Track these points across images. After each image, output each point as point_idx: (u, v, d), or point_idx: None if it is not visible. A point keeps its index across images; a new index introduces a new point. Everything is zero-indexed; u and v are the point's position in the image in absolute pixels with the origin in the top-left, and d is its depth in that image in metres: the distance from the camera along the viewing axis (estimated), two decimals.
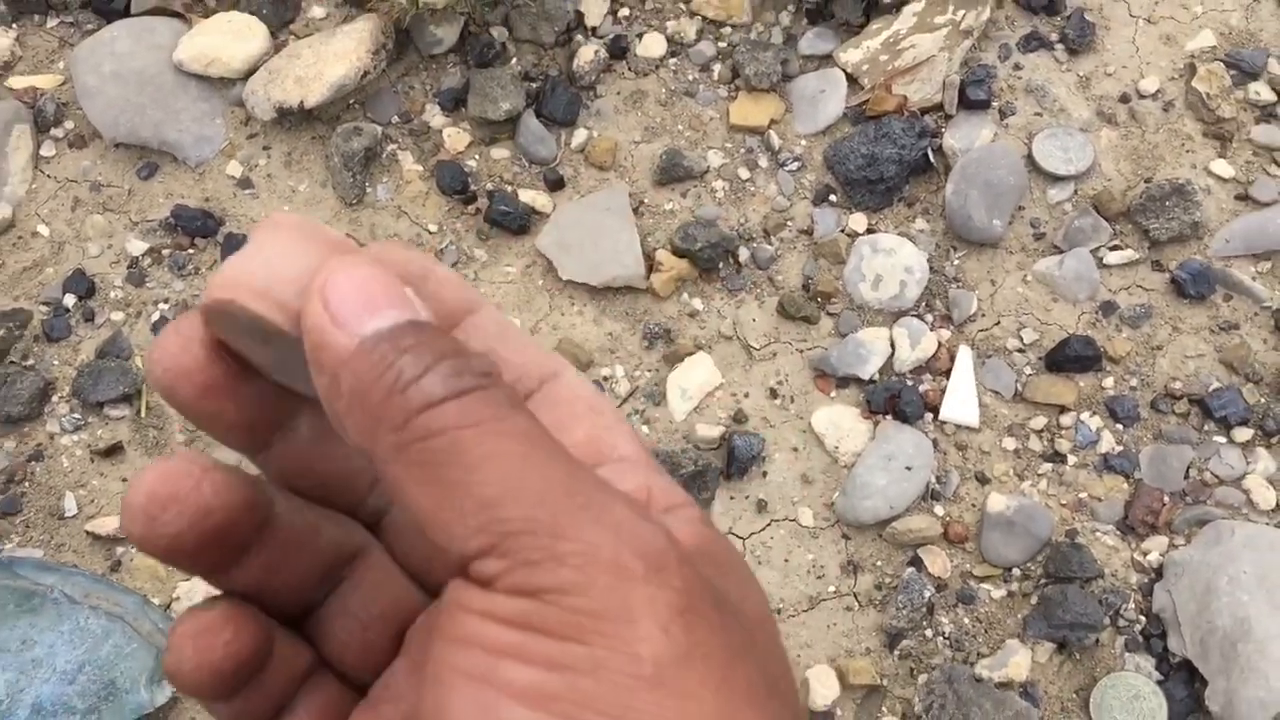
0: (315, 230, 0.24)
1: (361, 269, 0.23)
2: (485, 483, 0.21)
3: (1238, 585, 0.64)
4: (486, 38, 0.84)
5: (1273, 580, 0.64)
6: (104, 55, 0.83)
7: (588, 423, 0.27)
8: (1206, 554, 0.66)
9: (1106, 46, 0.81)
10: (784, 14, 0.84)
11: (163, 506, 0.23)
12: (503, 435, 0.22)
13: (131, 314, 0.78)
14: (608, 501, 0.22)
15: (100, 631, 0.68)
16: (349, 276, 0.23)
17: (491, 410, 0.22)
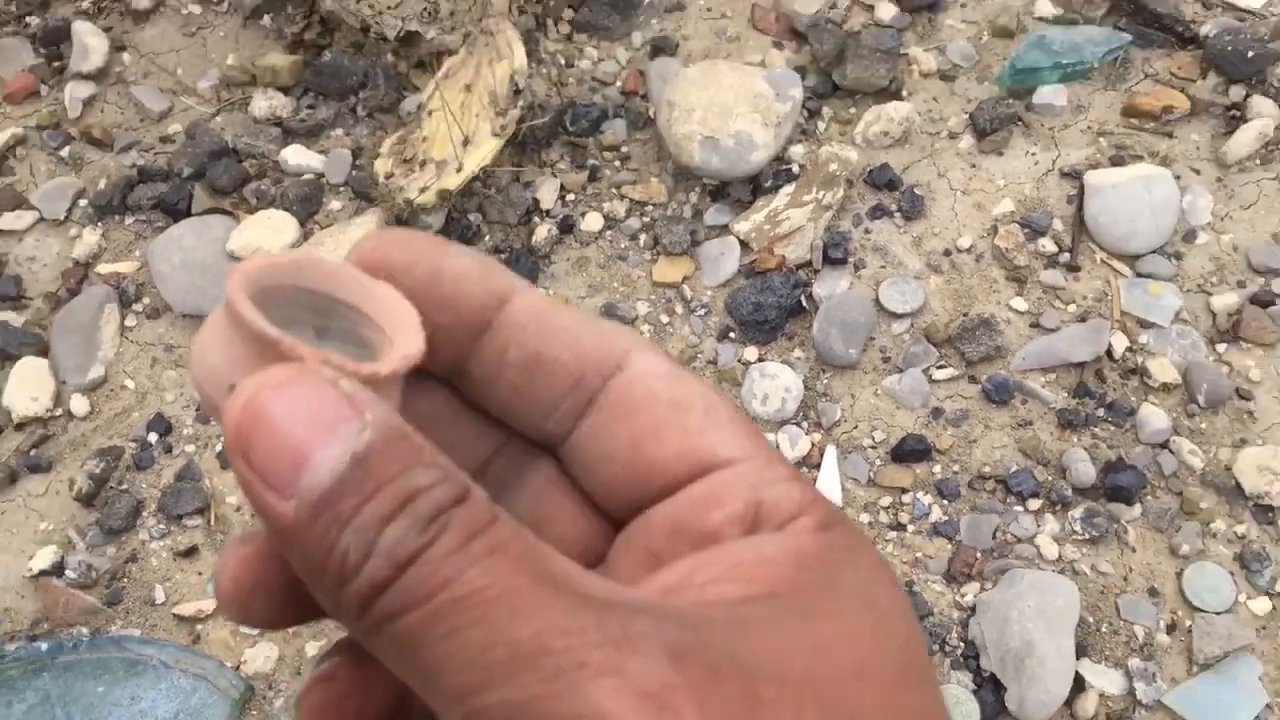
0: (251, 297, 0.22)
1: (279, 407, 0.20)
2: (453, 670, 0.19)
3: (1024, 616, 0.88)
4: (465, 221, 1.10)
5: (1049, 612, 0.88)
6: (173, 248, 1.09)
7: (674, 429, 0.24)
8: (1004, 594, 0.90)
9: (933, 214, 1.07)
10: (693, 194, 1.10)
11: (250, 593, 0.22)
12: (463, 602, 0.19)
13: (200, 445, 1.02)
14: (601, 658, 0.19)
15: (189, 688, 0.91)
16: (267, 426, 0.20)
17: (452, 565, 0.19)
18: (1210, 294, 0.99)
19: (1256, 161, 1.04)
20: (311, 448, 0.20)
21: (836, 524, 0.24)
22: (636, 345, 0.25)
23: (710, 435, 0.24)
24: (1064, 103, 1.08)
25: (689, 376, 0.25)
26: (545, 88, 1.14)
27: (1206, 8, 1.11)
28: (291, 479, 0.20)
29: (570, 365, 0.24)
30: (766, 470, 0.24)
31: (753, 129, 1.05)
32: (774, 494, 0.24)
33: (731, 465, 0.24)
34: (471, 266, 0.24)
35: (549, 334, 0.24)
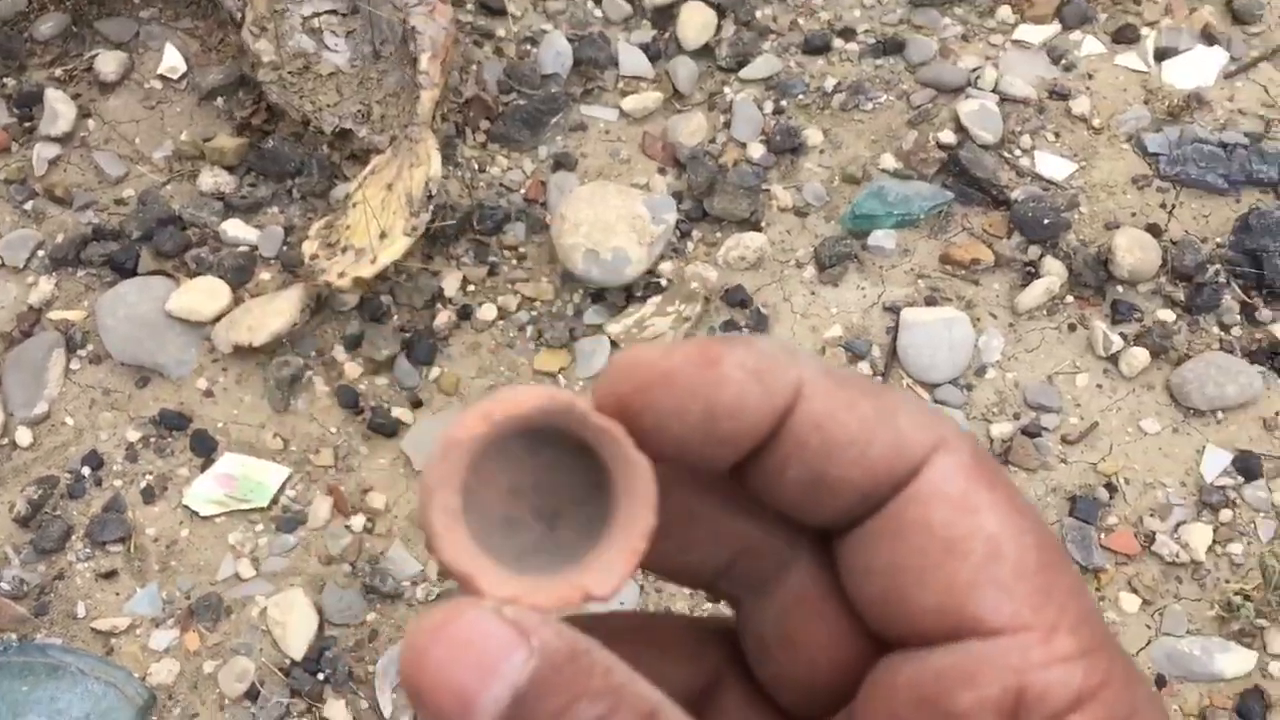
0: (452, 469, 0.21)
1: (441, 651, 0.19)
2: None
3: None
4: (377, 302, 1.27)
5: None
6: (119, 303, 1.24)
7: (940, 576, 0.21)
8: None
9: (775, 331, 1.26)
10: (576, 295, 1.28)
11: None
12: None
13: (127, 481, 1.18)
14: None
15: (100, 693, 1.06)
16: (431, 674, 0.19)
17: None
18: (991, 422, 1.20)
19: (1043, 312, 1.25)
20: (474, 692, 0.19)
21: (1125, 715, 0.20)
22: (941, 446, 0.21)
23: (980, 594, 0.21)
24: (893, 246, 1.28)
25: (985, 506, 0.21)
26: (459, 189, 1.32)
27: (1019, 175, 1.32)
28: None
29: (859, 483, 0.22)
30: (1041, 646, 0.20)
31: (629, 246, 1.24)
32: (1044, 680, 0.20)
33: (997, 636, 0.20)
34: (748, 390, 0.21)
35: (835, 449, 0.21)
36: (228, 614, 1.11)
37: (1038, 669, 0.20)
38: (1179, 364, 1.21)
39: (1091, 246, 1.27)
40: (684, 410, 0.21)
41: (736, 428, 0.21)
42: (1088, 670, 0.21)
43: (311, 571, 1.13)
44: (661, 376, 0.21)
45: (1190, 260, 1.25)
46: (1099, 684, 0.20)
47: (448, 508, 0.22)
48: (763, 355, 0.22)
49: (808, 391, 0.22)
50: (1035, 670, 0.20)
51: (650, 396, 0.21)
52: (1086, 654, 0.21)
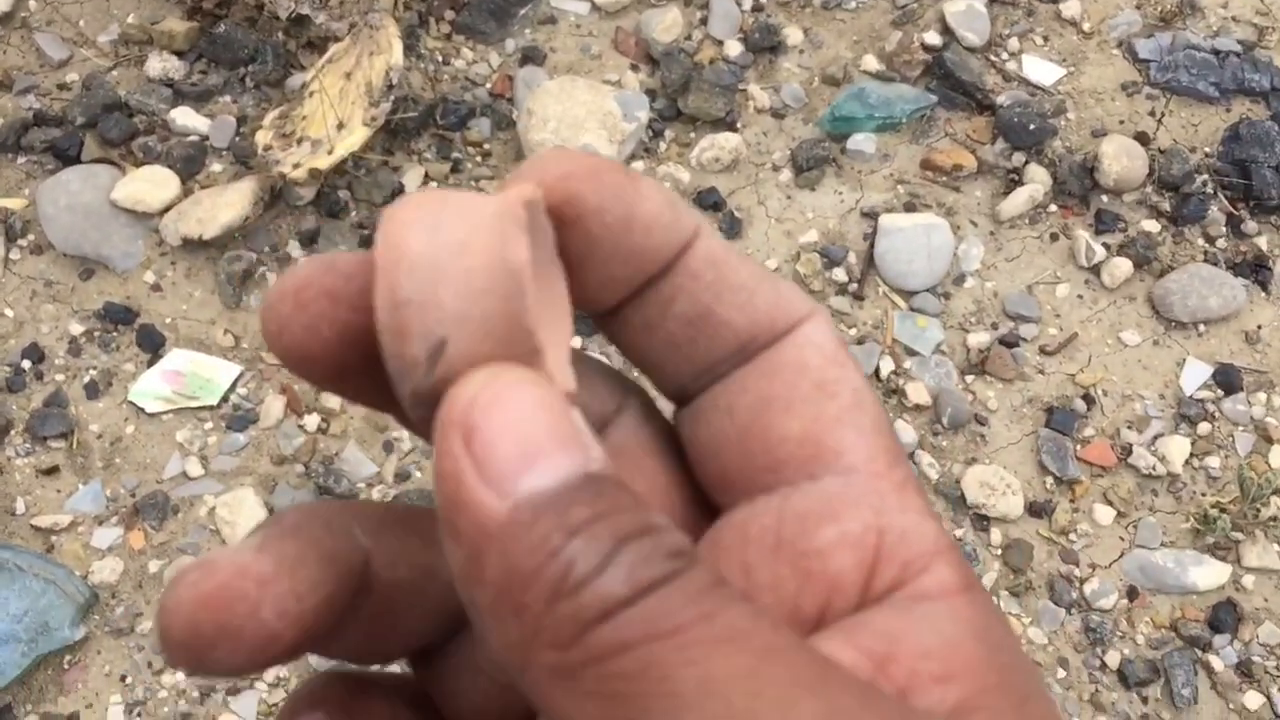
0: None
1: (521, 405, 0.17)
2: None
3: None
4: (335, 197, 1.22)
5: None
6: (60, 191, 1.18)
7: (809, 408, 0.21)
8: None
9: (749, 235, 1.22)
10: None
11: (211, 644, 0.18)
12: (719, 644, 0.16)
13: (70, 376, 1.13)
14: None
15: (39, 590, 1.02)
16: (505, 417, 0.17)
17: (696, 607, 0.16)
18: (968, 331, 1.16)
19: (1025, 221, 1.21)
20: (544, 452, 0.17)
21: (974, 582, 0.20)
22: (814, 315, 0.22)
23: (844, 432, 0.21)
24: (873, 150, 1.24)
25: (852, 367, 0.22)
26: (421, 81, 1.26)
27: (1005, 79, 1.27)
28: (514, 475, 0.17)
29: (739, 327, 0.21)
30: (895, 494, 0.20)
31: (598, 144, 1.19)
32: (901, 524, 0.20)
33: (854, 474, 0.21)
34: (663, 210, 0.21)
35: (724, 289, 0.21)
36: (174, 513, 1.07)
37: (896, 513, 0.20)
38: (1162, 275, 1.18)
39: (1077, 154, 1.23)
40: (605, 210, 0.21)
41: (648, 244, 0.21)
42: (938, 529, 0.20)
43: (263, 471, 1.09)
44: (589, 172, 0.21)
45: (1178, 170, 1.22)
46: (949, 544, 0.20)
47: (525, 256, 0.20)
48: (670, 192, 0.22)
49: (705, 234, 0.22)
50: (894, 514, 0.20)
51: (576, 188, 0.20)
52: (931, 518, 0.21)
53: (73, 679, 1.00)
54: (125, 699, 1.00)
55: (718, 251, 0.22)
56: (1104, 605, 1.05)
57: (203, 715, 0.99)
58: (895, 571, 0.20)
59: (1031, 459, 1.11)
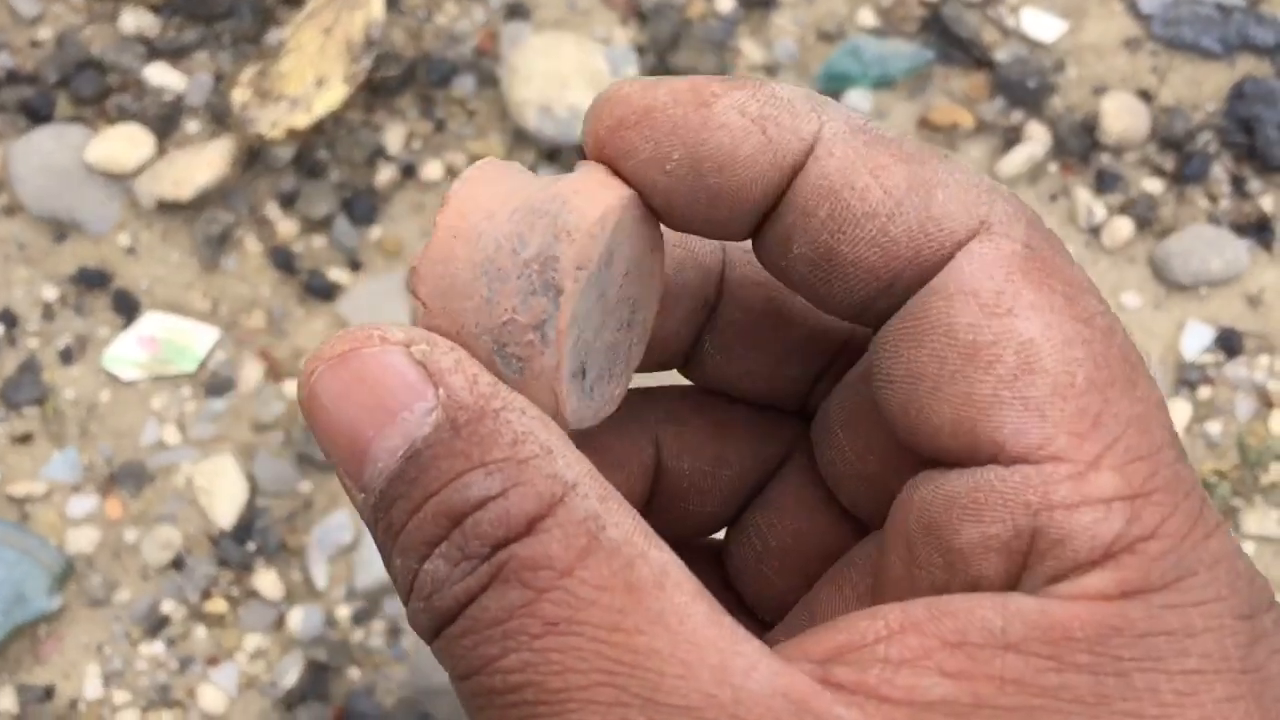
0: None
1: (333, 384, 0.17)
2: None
3: None
4: (314, 157, 1.19)
5: None
6: (33, 152, 1.15)
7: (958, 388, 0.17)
8: None
9: None
10: (529, 155, 1.20)
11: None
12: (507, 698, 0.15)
13: (44, 341, 1.10)
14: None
15: (13, 560, 1.00)
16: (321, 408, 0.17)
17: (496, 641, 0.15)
18: None
19: (1025, 180, 1.18)
20: (369, 436, 0.16)
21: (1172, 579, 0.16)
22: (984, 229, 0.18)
23: (1002, 412, 0.17)
24: (868, 109, 1.20)
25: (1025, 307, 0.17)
26: (403, 38, 1.23)
27: (1004, 35, 1.24)
28: (359, 469, 0.17)
29: (874, 266, 0.18)
30: (1071, 482, 0.16)
31: (585, 102, 1.16)
32: (1066, 523, 0.16)
33: (1019, 465, 0.17)
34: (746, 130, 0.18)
35: (846, 223, 0.18)
36: (151, 481, 1.04)
37: (1061, 509, 0.16)
38: (1164, 236, 1.15)
39: (1078, 112, 1.20)
40: (662, 157, 0.18)
41: (728, 184, 0.18)
42: (1131, 517, 0.16)
43: (241, 439, 1.06)
44: (640, 113, 0.18)
45: (1180, 128, 1.18)
46: (1143, 535, 0.16)
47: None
48: (772, 99, 0.19)
49: (825, 149, 0.18)
50: (1058, 510, 0.16)
51: (627, 137, 0.18)
52: (1137, 497, 0.16)
53: (49, 650, 0.98)
54: (103, 669, 0.98)
55: (835, 175, 0.18)
56: None
57: (181, 686, 0.98)
58: (1040, 582, 0.17)
59: None
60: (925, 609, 0.16)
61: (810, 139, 0.19)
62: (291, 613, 1.00)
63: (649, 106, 0.18)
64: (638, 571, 0.16)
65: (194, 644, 0.99)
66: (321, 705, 0.96)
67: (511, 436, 0.17)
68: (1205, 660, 0.16)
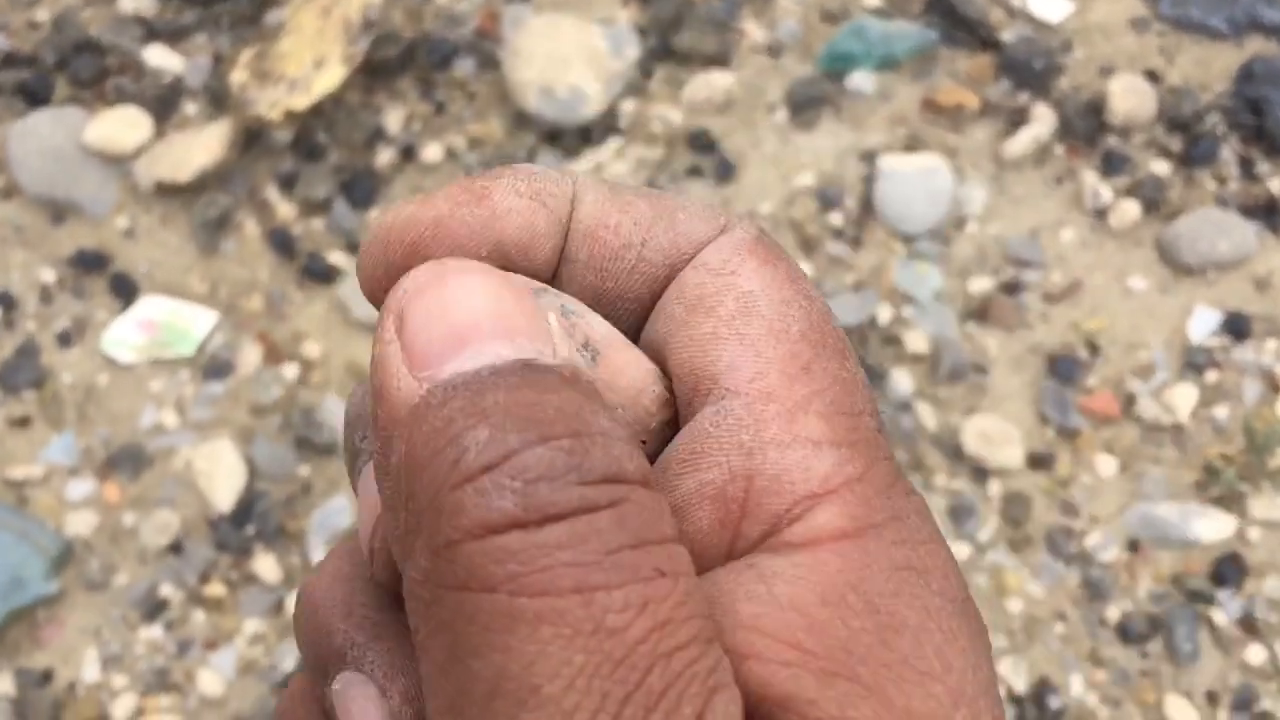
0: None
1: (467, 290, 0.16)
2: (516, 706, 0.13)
3: None
4: (313, 139, 1.18)
5: None
6: (31, 135, 1.14)
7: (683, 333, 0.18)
8: None
9: (742, 179, 1.18)
10: (528, 136, 1.19)
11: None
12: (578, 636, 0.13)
13: (42, 324, 1.10)
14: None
15: (11, 543, 1.00)
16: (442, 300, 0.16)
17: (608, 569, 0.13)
18: (968, 277, 1.12)
19: (1030, 163, 1.17)
20: (479, 337, 0.16)
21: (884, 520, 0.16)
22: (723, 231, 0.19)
23: (720, 346, 0.17)
24: (872, 90, 1.19)
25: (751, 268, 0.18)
26: (402, 19, 1.22)
27: (1010, 15, 1.22)
28: (437, 357, 0.15)
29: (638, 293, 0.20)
30: (783, 420, 0.16)
31: (586, 83, 1.15)
32: (779, 463, 0.16)
33: (733, 399, 0.17)
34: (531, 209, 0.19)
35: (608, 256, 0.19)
36: (149, 465, 1.04)
37: (774, 447, 0.17)
38: (1171, 219, 1.14)
39: (1084, 93, 1.19)
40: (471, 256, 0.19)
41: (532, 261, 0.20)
42: (839, 460, 0.17)
43: (240, 422, 1.06)
44: (431, 229, 0.19)
45: (1188, 109, 1.17)
46: (852, 477, 0.16)
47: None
48: (532, 175, 0.20)
49: (578, 200, 0.20)
50: (770, 448, 0.16)
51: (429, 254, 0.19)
52: (841, 445, 0.17)
53: (48, 634, 0.98)
54: (101, 654, 0.97)
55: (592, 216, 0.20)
56: (1105, 559, 1.02)
57: (180, 669, 0.97)
58: (763, 525, 0.16)
59: (1032, 409, 1.08)
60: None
61: (570, 195, 0.20)
62: (290, 597, 0.99)
63: (436, 219, 0.19)
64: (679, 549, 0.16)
65: (192, 628, 0.98)
66: None
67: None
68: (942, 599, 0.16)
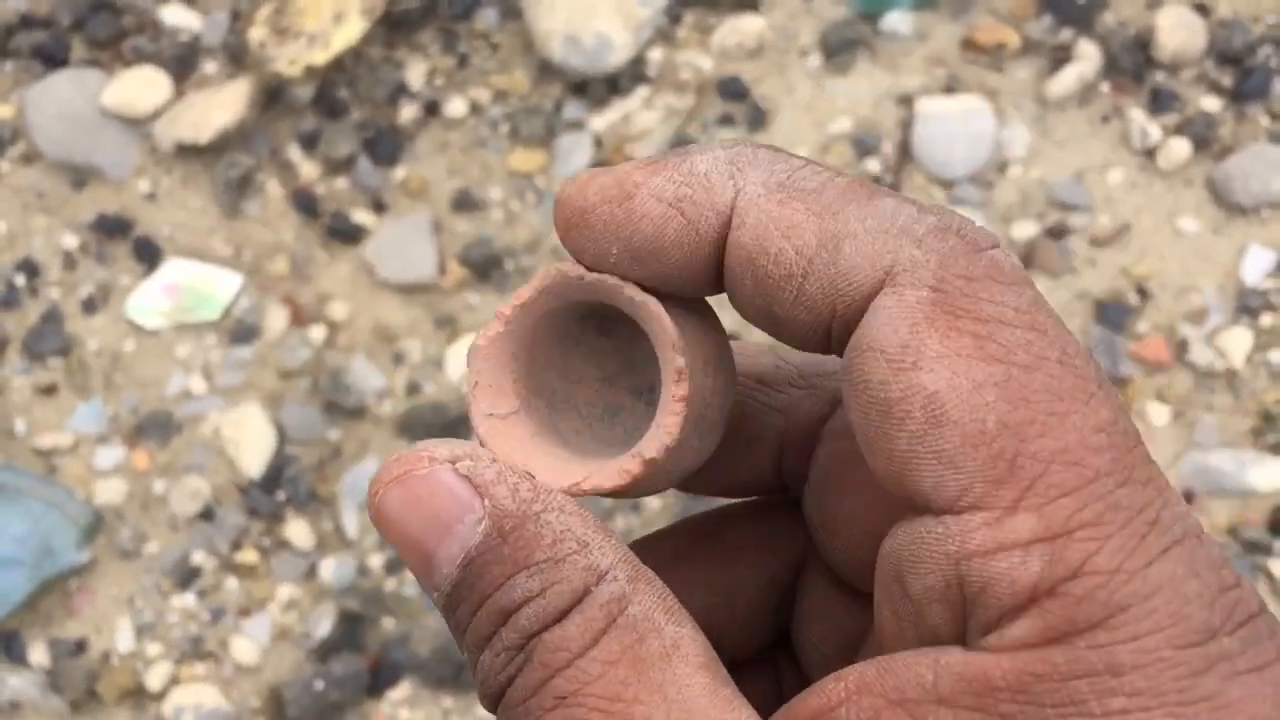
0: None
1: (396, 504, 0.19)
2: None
3: None
4: (335, 96, 1.15)
5: None
6: (49, 98, 1.12)
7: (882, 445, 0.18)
8: None
9: (775, 127, 1.14)
10: (554, 87, 1.16)
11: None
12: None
13: (66, 290, 1.08)
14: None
15: (40, 512, 0.99)
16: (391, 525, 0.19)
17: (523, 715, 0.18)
18: (1012, 223, 1.09)
19: (1074, 102, 1.12)
20: (430, 548, 0.19)
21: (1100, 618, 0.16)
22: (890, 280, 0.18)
23: (918, 466, 0.17)
24: (909, 30, 1.15)
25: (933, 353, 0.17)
26: None
27: None
28: (429, 576, 0.19)
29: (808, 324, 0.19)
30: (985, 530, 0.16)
31: (612, 30, 1.11)
32: (984, 571, 0.16)
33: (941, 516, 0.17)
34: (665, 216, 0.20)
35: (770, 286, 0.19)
36: (178, 431, 1.02)
37: (978, 557, 0.17)
38: (1222, 157, 1.09)
39: (1130, 28, 1.14)
40: (605, 251, 0.20)
41: (665, 266, 0.20)
42: (1053, 559, 0.16)
43: (268, 386, 1.04)
44: (579, 216, 0.21)
45: (1239, 42, 1.12)
46: (1067, 575, 0.16)
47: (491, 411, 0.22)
48: (689, 179, 0.20)
49: (739, 219, 0.19)
50: (975, 559, 0.17)
51: (575, 238, 0.21)
52: (1058, 537, 0.16)
53: (80, 603, 0.97)
54: (135, 622, 0.96)
55: (753, 241, 0.19)
56: None
57: (214, 637, 0.96)
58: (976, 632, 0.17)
59: None
60: (875, 669, 0.18)
61: (727, 209, 0.20)
62: (323, 563, 0.98)
63: (582, 209, 0.20)
64: (648, 646, 0.17)
65: (225, 595, 0.97)
66: (355, 656, 0.94)
67: (551, 537, 0.19)
68: (1134, 699, 0.16)
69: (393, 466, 0.20)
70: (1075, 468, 0.16)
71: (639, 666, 0.17)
